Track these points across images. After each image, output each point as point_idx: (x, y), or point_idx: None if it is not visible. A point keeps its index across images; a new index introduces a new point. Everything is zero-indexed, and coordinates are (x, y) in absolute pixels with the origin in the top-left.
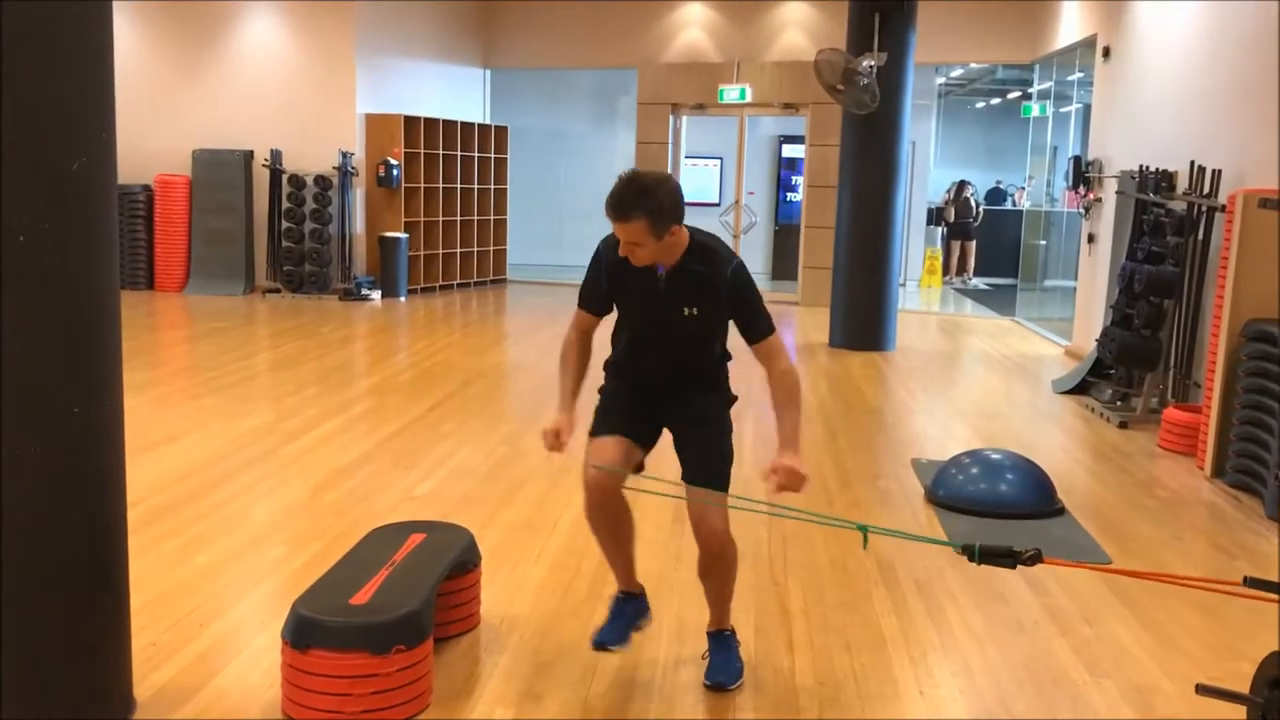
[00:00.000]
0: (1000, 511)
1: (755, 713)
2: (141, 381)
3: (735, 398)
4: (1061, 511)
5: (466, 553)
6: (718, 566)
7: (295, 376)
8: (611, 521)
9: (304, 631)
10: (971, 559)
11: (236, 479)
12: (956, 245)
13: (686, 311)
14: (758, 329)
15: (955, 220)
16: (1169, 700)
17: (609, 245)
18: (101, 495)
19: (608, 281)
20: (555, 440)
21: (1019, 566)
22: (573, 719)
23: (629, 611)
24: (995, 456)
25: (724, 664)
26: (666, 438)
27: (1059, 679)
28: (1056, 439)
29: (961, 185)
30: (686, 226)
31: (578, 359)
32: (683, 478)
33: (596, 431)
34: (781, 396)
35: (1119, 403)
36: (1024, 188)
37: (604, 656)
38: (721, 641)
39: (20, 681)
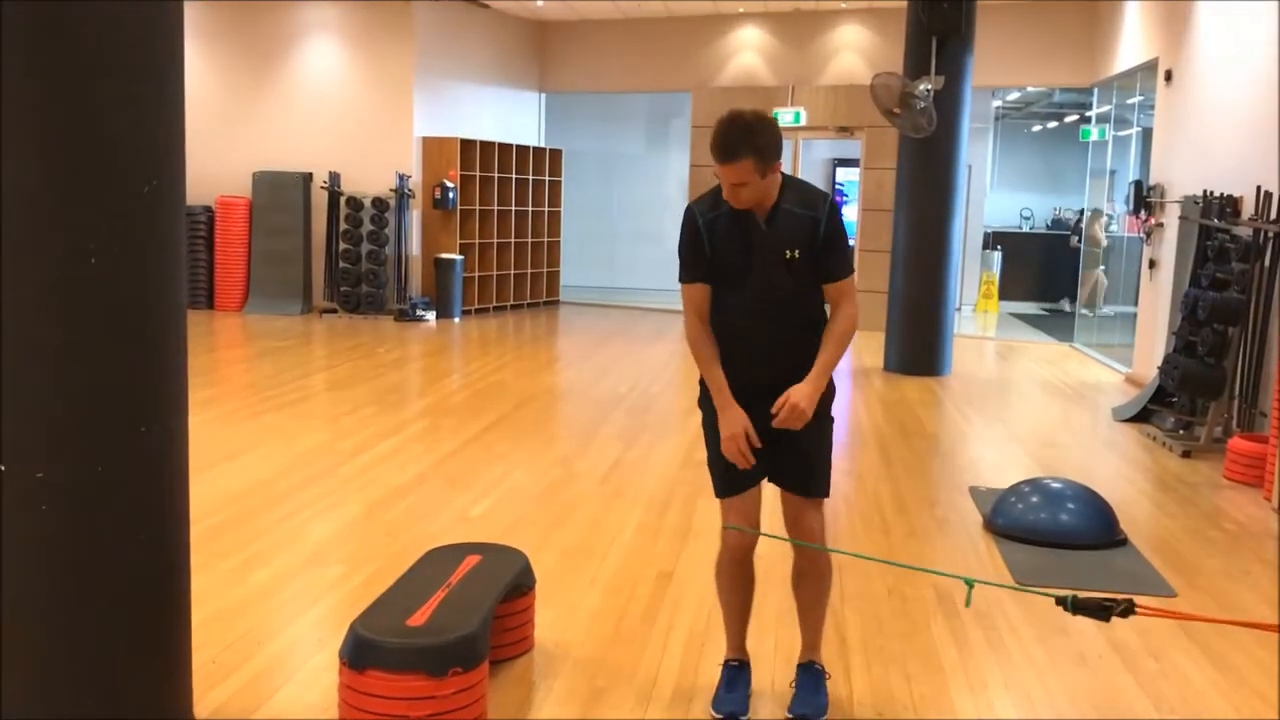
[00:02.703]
0: (1061, 541)
1: None
2: (202, 400)
3: (834, 390)
4: (1124, 542)
5: (522, 575)
6: (811, 573)
7: (352, 396)
8: (744, 581)
9: (362, 652)
10: (1066, 610)
11: (294, 497)
12: (1090, 275)
13: (789, 254)
14: (838, 268)
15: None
16: None
17: (703, 207)
18: (166, 514)
19: (709, 241)
20: (745, 446)
21: (1112, 619)
22: None
23: (744, 679)
24: (1056, 485)
25: (810, 697)
26: None
27: (1124, 714)
28: (1117, 468)
29: (1095, 214)
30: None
31: (712, 344)
32: (784, 483)
33: (724, 491)
34: (833, 329)
35: (1182, 431)
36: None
37: (659, 683)
38: (811, 675)
39: (84, 698)
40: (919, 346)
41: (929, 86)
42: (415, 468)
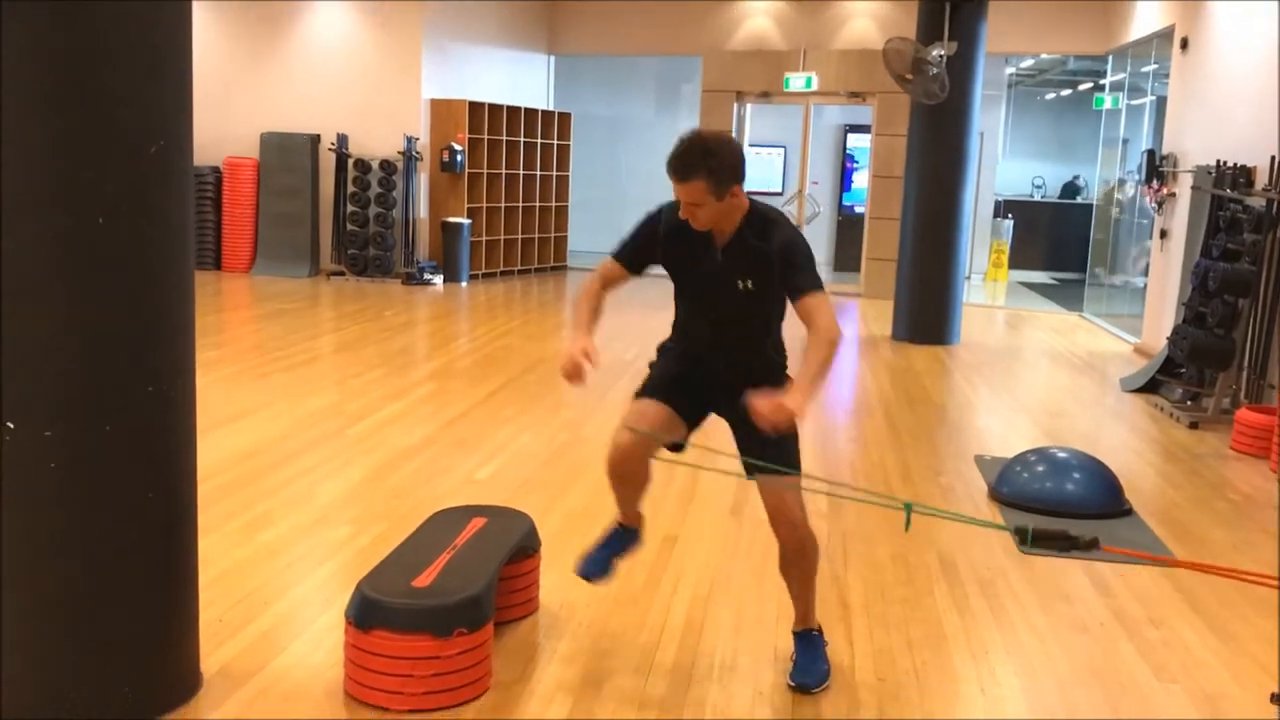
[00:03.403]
0: (1066, 511)
1: (815, 708)
2: (210, 360)
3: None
4: (1129, 512)
5: (527, 538)
6: (800, 562)
7: (359, 359)
8: (631, 479)
9: (368, 612)
10: (1024, 542)
11: (302, 458)
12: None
13: (741, 285)
14: (799, 284)
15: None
16: (1239, 708)
17: (671, 210)
18: (173, 473)
19: (664, 248)
20: (576, 365)
21: (1075, 554)
22: (630, 708)
23: (622, 542)
24: (1061, 455)
25: (810, 665)
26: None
27: (1125, 683)
28: (1124, 438)
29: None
30: (750, 197)
31: (594, 301)
32: (744, 456)
33: (641, 394)
34: (811, 343)
35: (1189, 402)
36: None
37: (662, 645)
38: (809, 642)
39: (91, 655)
40: (927, 315)
41: (942, 52)
42: (422, 430)
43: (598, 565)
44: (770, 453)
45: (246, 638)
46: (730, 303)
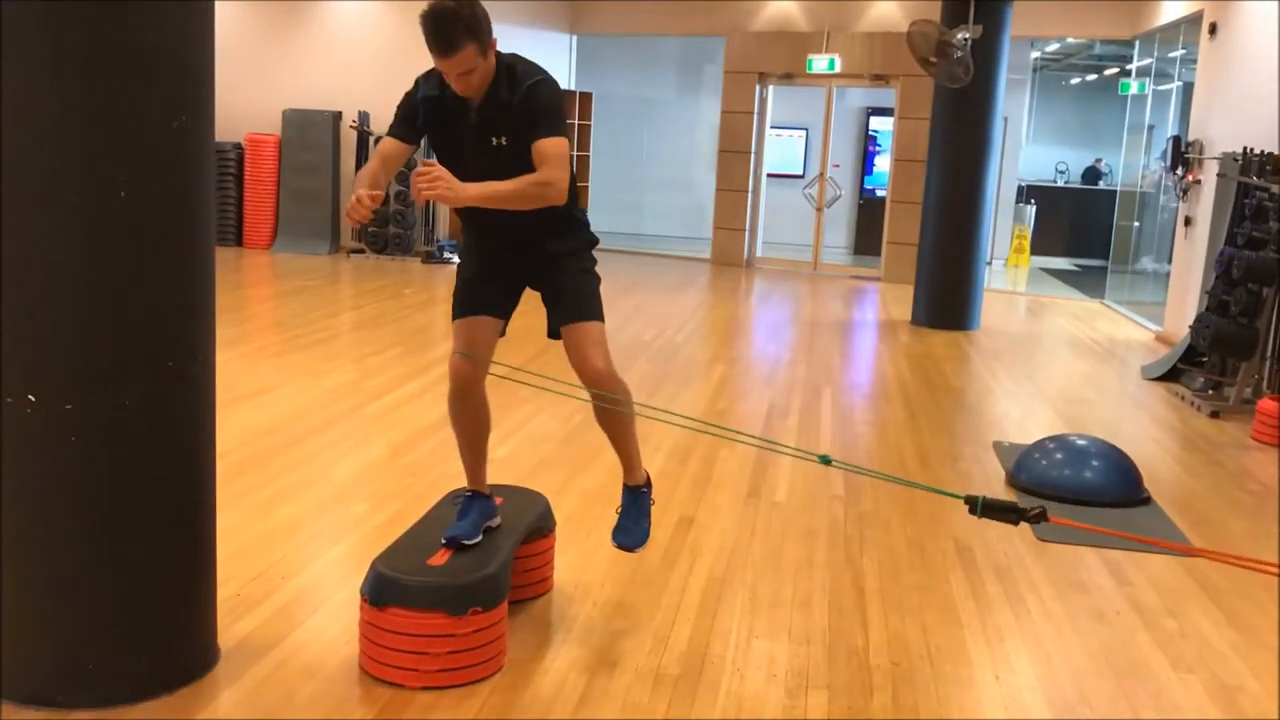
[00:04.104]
0: (1084, 499)
1: (829, 690)
2: (230, 336)
3: (595, 239)
4: (1147, 501)
5: (542, 518)
6: (612, 415)
7: (378, 336)
8: (471, 413)
9: (383, 590)
10: (973, 511)
11: (320, 435)
12: None
13: (495, 142)
14: (539, 130)
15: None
16: (1256, 700)
17: (427, 79)
18: (193, 448)
19: (423, 115)
20: (356, 203)
21: (1028, 522)
22: (644, 687)
23: (478, 508)
24: (1080, 442)
25: (632, 525)
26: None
27: (1141, 672)
28: (1144, 426)
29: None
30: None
31: (374, 173)
32: (556, 324)
33: (458, 313)
34: (525, 178)
35: (1211, 391)
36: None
37: (676, 627)
38: (633, 499)
39: (109, 627)
40: (948, 300)
41: (967, 35)
42: (440, 409)
43: (465, 530)
44: (563, 305)
45: (264, 612)
46: (491, 164)
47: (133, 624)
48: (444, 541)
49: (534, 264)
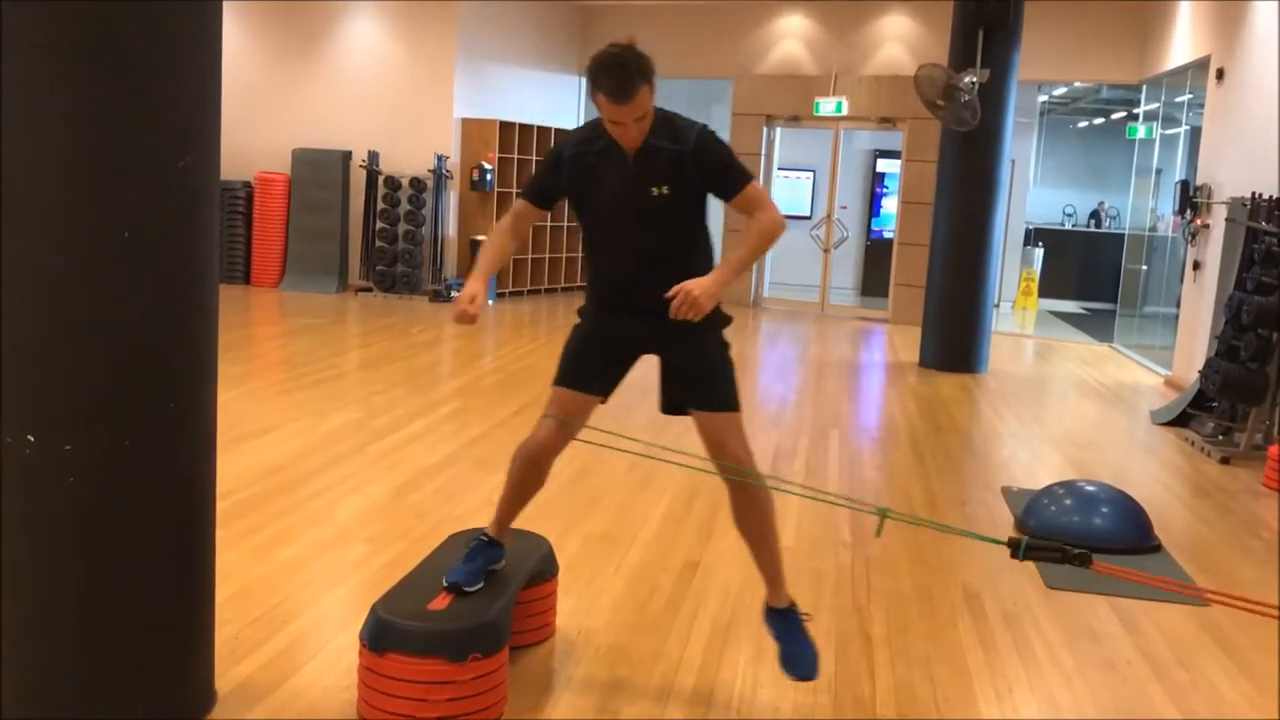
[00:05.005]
0: (1093, 545)
1: None
2: (235, 374)
3: (729, 317)
4: (1158, 548)
5: (544, 562)
6: (753, 509)
7: (384, 375)
8: (537, 476)
9: (382, 635)
10: (1015, 555)
11: (323, 475)
12: None
13: (655, 192)
14: (731, 183)
15: None
16: None
17: (572, 141)
18: (192, 489)
19: (570, 173)
20: (462, 313)
21: (1071, 564)
22: None
23: (487, 556)
24: (1089, 488)
25: (800, 653)
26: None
27: None
28: (1154, 472)
29: None
30: None
31: (503, 239)
32: (685, 404)
33: (563, 380)
34: (751, 228)
35: (1221, 437)
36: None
37: (680, 674)
38: (789, 623)
39: (105, 669)
40: (956, 342)
41: (974, 79)
42: (445, 449)
43: (466, 576)
44: (700, 388)
45: (263, 656)
46: (647, 215)
47: (128, 666)
48: (445, 585)
49: (665, 332)
